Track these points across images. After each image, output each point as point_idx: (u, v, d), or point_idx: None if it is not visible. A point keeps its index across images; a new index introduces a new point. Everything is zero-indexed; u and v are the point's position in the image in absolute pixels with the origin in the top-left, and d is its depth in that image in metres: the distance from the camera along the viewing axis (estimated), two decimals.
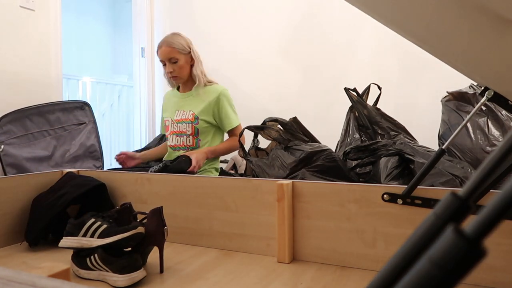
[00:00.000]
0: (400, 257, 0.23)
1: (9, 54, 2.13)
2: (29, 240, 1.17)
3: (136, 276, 0.90)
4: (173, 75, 1.80)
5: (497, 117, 1.57)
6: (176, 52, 1.77)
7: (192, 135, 1.79)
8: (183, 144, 1.82)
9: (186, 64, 1.81)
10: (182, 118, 1.80)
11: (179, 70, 1.79)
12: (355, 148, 1.54)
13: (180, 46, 1.78)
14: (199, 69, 1.83)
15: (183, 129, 1.80)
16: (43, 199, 1.22)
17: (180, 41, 1.79)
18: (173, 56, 1.77)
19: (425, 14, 0.51)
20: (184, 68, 1.80)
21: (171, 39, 1.78)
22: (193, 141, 1.80)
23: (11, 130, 2.05)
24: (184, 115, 1.81)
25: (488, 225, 0.19)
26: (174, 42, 1.77)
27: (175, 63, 1.78)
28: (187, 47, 1.80)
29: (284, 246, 1.06)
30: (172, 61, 1.77)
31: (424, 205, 0.94)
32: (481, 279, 0.89)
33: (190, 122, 1.79)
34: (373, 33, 2.58)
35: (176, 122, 1.82)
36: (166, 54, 1.77)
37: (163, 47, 1.78)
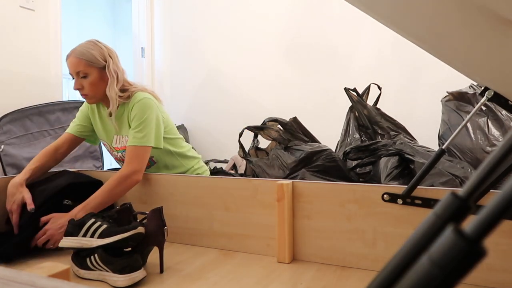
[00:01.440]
0: (400, 257, 0.23)
1: (9, 54, 2.13)
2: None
3: (136, 276, 0.90)
4: (82, 93, 1.40)
5: (497, 117, 1.57)
6: (84, 65, 1.36)
7: None
8: None
9: (100, 81, 1.39)
10: (121, 146, 1.47)
11: (89, 88, 1.38)
12: (355, 148, 1.54)
13: (91, 58, 1.37)
14: (114, 90, 1.39)
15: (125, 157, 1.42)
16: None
17: (93, 52, 1.38)
18: (81, 70, 1.36)
19: (425, 14, 0.51)
20: (96, 85, 1.39)
21: (81, 48, 1.39)
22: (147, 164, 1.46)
23: (11, 130, 2.05)
24: (121, 142, 1.47)
25: (488, 225, 0.19)
26: (85, 52, 1.38)
27: (84, 78, 1.37)
28: (101, 60, 1.39)
29: (284, 246, 1.06)
30: (80, 75, 1.37)
31: (424, 205, 0.95)
32: (481, 279, 0.89)
33: None
34: (373, 33, 2.58)
35: (116, 150, 1.49)
36: (72, 66, 1.38)
37: (71, 57, 1.39)
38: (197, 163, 1.64)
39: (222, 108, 3.07)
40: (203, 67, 3.16)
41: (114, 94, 1.39)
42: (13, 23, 2.15)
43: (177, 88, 3.25)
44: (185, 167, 1.57)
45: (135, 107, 1.39)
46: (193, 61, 3.19)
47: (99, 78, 1.38)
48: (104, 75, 1.39)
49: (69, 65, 1.39)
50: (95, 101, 1.44)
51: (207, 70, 3.15)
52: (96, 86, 1.39)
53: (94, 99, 1.42)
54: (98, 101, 1.46)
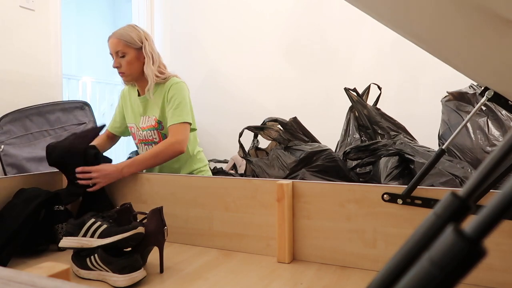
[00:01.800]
0: (400, 257, 0.23)
1: (9, 54, 2.13)
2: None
3: (136, 276, 0.90)
4: (120, 71, 1.53)
5: (497, 117, 1.57)
6: (123, 45, 1.50)
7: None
8: None
9: (136, 61, 1.52)
10: (148, 125, 1.58)
11: (126, 66, 1.51)
12: (355, 148, 1.54)
13: (129, 39, 1.50)
14: (151, 69, 1.52)
15: (150, 137, 1.58)
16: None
17: (131, 34, 1.52)
18: (120, 49, 1.50)
19: (425, 14, 0.51)
20: (133, 64, 1.52)
21: (121, 31, 1.53)
22: None
23: (11, 130, 2.05)
24: (148, 121, 1.59)
25: (488, 225, 0.19)
26: (124, 34, 1.51)
27: (123, 57, 1.51)
28: (138, 42, 1.52)
29: (284, 246, 1.06)
30: (119, 54, 1.51)
31: (424, 205, 0.94)
32: (481, 279, 0.89)
33: (155, 129, 1.56)
34: (373, 33, 2.58)
35: (142, 129, 1.59)
36: (112, 46, 1.52)
37: (111, 38, 1.53)
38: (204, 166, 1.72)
39: (222, 108, 3.07)
40: (203, 67, 3.16)
41: (150, 72, 1.52)
42: (13, 23, 2.15)
43: None
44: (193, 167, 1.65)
45: (173, 88, 1.52)
46: (193, 61, 3.19)
47: (135, 57, 1.52)
48: (141, 55, 1.52)
49: (110, 45, 1.53)
50: (130, 79, 1.57)
51: (207, 70, 3.15)
52: (132, 64, 1.52)
53: (130, 77, 1.55)
54: (134, 80, 1.58)
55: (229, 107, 3.04)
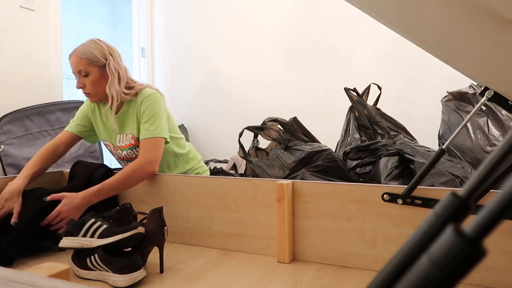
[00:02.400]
0: (400, 257, 0.23)
1: (9, 54, 2.13)
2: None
3: (136, 276, 0.90)
4: (85, 92, 1.42)
5: (497, 117, 1.57)
6: (85, 64, 1.38)
7: None
8: None
9: (101, 79, 1.40)
10: (126, 144, 1.48)
11: (91, 86, 1.40)
12: (355, 148, 1.54)
13: (91, 57, 1.38)
14: (114, 88, 1.40)
15: (132, 155, 1.49)
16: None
17: (93, 51, 1.39)
18: (82, 69, 1.38)
19: (425, 15, 0.51)
20: (98, 84, 1.40)
21: (82, 47, 1.41)
22: None
23: (11, 130, 2.05)
24: (126, 139, 1.48)
25: (488, 225, 0.19)
26: (85, 51, 1.39)
27: (86, 77, 1.39)
28: (101, 59, 1.40)
29: (284, 246, 1.06)
30: (81, 74, 1.39)
31: (424, 205, 0.94)
32: (481, 279, 0.89)
33: (135, 147, 1.46)
34: (373, 33, 2.58)
35: (121, 149, 1.49)
36: (74, 65, 1.40)
37: (72, 57, 1.40)
38: (198, 163, 1.65)
39: (222, 108, 3.07)
40: (203, 67, 3.16)
41: (114, 92, 1.40)
42: (13, 23, 2.15)
43: (177, 88, 3.25)
44: (186, 167, 1.58)
45: (145, 101, 1.41)
46: (193, 61, 3.19)
47: (100, 76, 1.40)
48: (105, 73, 1.40)
49: (71, 64, 1.40)
50: (97, 99, 1.45)
51: (207, 70, 3.15)
52: (97, 84, 1.40)
53: (96, 97, 1.43)
54: (101, 99, 1.46)
55: (229, 107, 3.04)
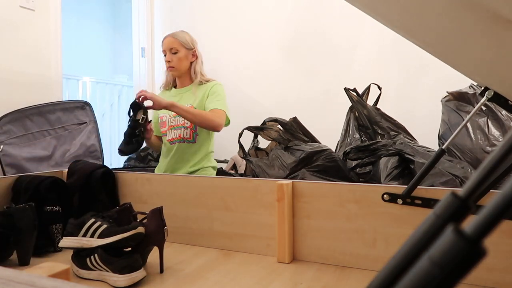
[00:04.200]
0: (400, 257, 0.23)
1: (9, 54, 2.13)
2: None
3: (136, 276, 0.90)
4: (170, 65, 1.80)
5: (497, 117, 1.57)
6: (178, 44, 1.79)
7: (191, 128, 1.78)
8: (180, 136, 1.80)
9: (186, 59, 1.82)
10: None
11: (177, 62, 1.80)
12: (355, 148, 1.54)
13: (183, 40, 1.80)
14: (199, 67, 1.85)
15: (181, 121, 1.78)
16: None
17: (185, 36, 1.82)
18: (174, 47, 1.79)
19: (425, 15, 0.51)
20: (183, 61, 1.81)
21: (177, 32, 1.83)
22: (191, 135, 1.79)
23: (11, 130, 2.05)
24: None
25: (488, 225, 0.19)
26: (179, 35, 1.81)
27: (175, 54, 1.79)
28: (190, 44, 1.82)
29: (284, 246, 1.06)
30: (172, 51, 1.79)
31: (424, 205, 0.94)
32: (481, 279, 0.89)
33: None
34: (373, 33, 2.58)
35: (174, 116, 1.80)
36: (168, 44, 1.79)
37: (168, 37, 1.81)
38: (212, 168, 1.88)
39: None
40: (203, 66, 3.15)
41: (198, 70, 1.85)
42: (13, 23, 2.15)
43: None
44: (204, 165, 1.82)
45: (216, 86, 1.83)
46: None
47: (185, 56, 1.82)
48: (189, 55, 1.83)
49: (165, 43, 1.81)
50: (177, 74, 1.85)
51: (207, 70, 3.13)
52: (182, 61, 1.81)
53: (177, 72, 1.83)
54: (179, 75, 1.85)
55: (229, 107, 3.03)
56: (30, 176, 1.29)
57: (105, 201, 1.32)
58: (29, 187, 1.22)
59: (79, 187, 1.30)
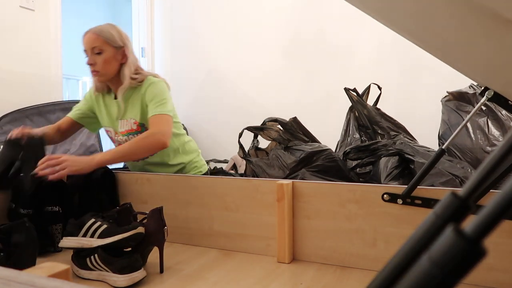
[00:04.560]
0: (401, 257, 0.23)
1: (9, 54, 2.13)
2: None
3: (136, 276, 0.90)
4: (94, 69, 1.40)
5: (497, 117, 1.57)
6: (101, 42, 1.38)
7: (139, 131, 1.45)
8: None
9: (114, 60, 1.40)
10: (127, 129, 1.46)
11: (102, 65, 1.38)
12: (355, 148, 1.54)
13: (109, 36, 1.39)
14: (129, 70, 1.42)
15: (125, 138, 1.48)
16: None
17: (111, 31, 1.41)
18: (97, 46, 1.38)
19: (425, 15, 0.51)
20: (110, 64, 1.40)
21: (101, 27, 1.41)
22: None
23: (11, 130, 2.04)
24: (127, 125, 1.46)
25: (488, 225, 0.19)
26: (103, 31, 1.40)
27: (99, 55, 1.39)
28: (119, 41, 1.41)
29: (284, 246, 1.06)
30: (95, 51, 1.38)
31: (424, 205, 0.94)
32: (481, 279, 0.89)
33: (137, 132, 1.44)
34: (373, 33, 2.58)
35: (121, 134, 1.48)
36: (89, 42, 1.39)
37: (88, 34, 1.40)
38: (197, 156, 1.66)
39: (222, 108, 3.07)
40: (203, 67, 3.16)
41: (128, 73, 1.41)
42: (13, 23, 2.15)
43: (177, 88, 3.25)
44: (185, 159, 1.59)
45: (152, 87, 1.41)
46: (193, 61, 3.19)
47: (112, 56, 1.40)
48: (118, 55, 1.41)
49: (86, 41, 1.40)
50: (104, 80, 1.44)
51: (207, 70, 3.15)
52: (108, 64, 1.39)
53: (104, 76, 1.42)
54: (107, 80, 1.45)
55: (229, 107, 3.04)
56: None
57: (105, 201, 1.32)
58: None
59: (79, 187, 1.30)
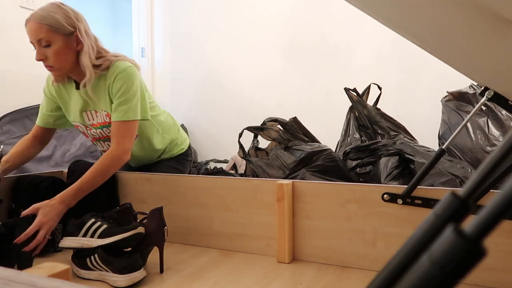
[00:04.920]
0: (401, 257, 0.23)
1: (9, 54, 2.13)
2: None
3: (136, 276, 0.90)
4: (47, 65, 1.21)
5: (497, 117, 1.57)
6: (46, 31, 1.15)
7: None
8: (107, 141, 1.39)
9: (67, 50, 1.19)
10: (99, 122, 1.33)
11: (54, 58, 1.18)
12: (355, 148, 1.54)
13: (55, 23, 1.16)
14: (88, 57, 1.21)
15: (107, 134, 1.35)
16: None
17: (56, 16, 1.17)
18: (43, 37, 1.15)
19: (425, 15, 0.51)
20: (63, 55, 1.19)
21: (42, 12, 1.16)
22: None
23: (11, 130, 2.05)
24: (98, 117, 1.32)
25: (488, 225, 0.19)
26: (47, 17, 1.15)
27: (48, 47, 1.17)
28: (67, 26, 1.18)
29: (284, 246, 1.06)
30: (42, 43, 1.17)
31: (424, 205, 0.94)
32: (481, 279, 0.89)
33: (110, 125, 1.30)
34: (373, 33, 2.58)
35: (94, 127, 1.35)
36: (32, 33, 1.16)
37: (30, 23, 1.16)
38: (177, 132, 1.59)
39: (222, 108, 3.07)
40: (203, 67, 3.16)
41: (88, 63, 1.21)
42: (13, 23, 2.15)
43: (177, 88, 3.25)
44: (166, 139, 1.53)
45: (119, 79, 1.24)
46: (193, 61, 3.19)
47: (65, 46, 1.18)
48: (71, 42, 1.20)
49: (29, 32, 1.17)
50: (62, 74, 1.26)
51: (207, 70, 3.15)
52: (62, 55, 1.19)
53: (60, 71, 1.23)
54: (65, 73, 1.27)
55: (229, 107, 3.04)
56: (30, 176, 1.29)
57: (105, 201, 1.32)
58: (29, 187, 1.22)
59: None
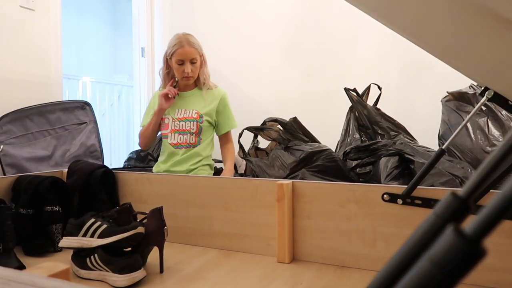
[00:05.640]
0: (400, 257, 0.23)
1: (9, 54, 2.13)
2: None
3: (136, 276, 0.90)
4: (190, 76, 1.77)
5: (497, 117, 1.57)
6: (197, 53, 1.76)
7: (196, 133, 1.80)
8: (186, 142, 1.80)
9: (200, 66, 1.81)
10: (186, 116, 1.80)
11: (195, 71, 1.78)
12: (355, 148, 1.54)
13: (199, 47, 1.79)
14: (207, 71, 1.83)
15: (187, 127, 1.79)
16: None
17: (197, 42, 1.80)
18: (195, 57, 1.75)
19: (426, 15, 0.51)
20: (198, 69, 1.80)
21: (191, 39, 1.77)
22: (196, 139, 1.81)
23: (11, 130, 2.05)
24: (187, 113, 1.81)
25: (488, 225, 0.19)
26: (195, 43, 1.77)
27: (194, 64, 1.76)
28: (201, 49, 1.81)
29: (284, 246, 1.06)
30: (193, 61, 1.75)
31: (424, 205, 0.94)
32: (481, 279, 0.89)
33: (195, 120, 1.78)
34: (373, 33, 2.58)
35: (178, 120, 1.80)
36: (189, 54, 1.74)
37: (186, 47, 1.74)
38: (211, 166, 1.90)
39: None
40: None
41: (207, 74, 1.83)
42: (13, 23, 2.15)
43: None
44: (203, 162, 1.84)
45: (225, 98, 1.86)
46: None
47: (200, 63, 1.80)
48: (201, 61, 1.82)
49: (187, 53, 1.74)
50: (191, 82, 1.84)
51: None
52: (198, 69, 1.80)
53: (193, 79, 1.82)
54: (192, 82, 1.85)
55: None
56: (30, 176, 1.29)
57: (105, 201, 1.31)
58: (29, 187, 1.22)
59: (79, 187, 1.30)
